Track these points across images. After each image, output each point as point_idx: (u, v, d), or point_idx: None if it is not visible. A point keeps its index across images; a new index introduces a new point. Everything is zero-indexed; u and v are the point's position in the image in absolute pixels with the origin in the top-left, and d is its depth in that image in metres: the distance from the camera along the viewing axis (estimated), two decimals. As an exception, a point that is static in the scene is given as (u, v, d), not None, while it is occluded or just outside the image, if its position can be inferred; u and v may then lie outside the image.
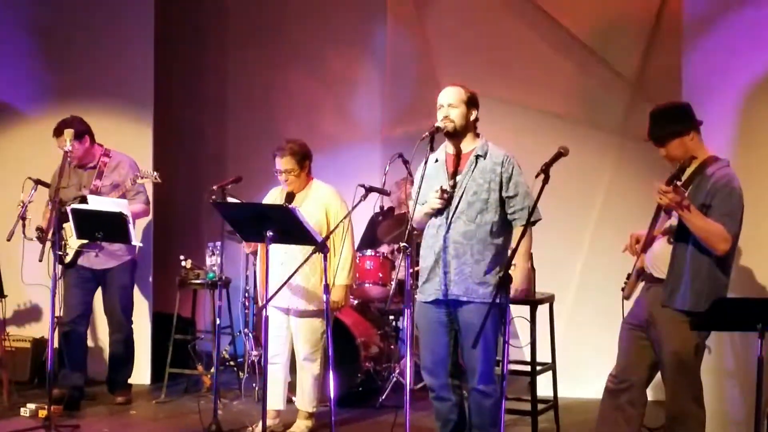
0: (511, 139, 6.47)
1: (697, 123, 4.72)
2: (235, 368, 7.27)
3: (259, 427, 5.46)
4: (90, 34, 7.57)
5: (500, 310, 4.71)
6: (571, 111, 7.26)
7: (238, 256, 7.45)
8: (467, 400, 5.17)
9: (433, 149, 5.02)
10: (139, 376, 7.22)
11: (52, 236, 6.09)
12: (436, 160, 5.10)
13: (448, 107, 5.03)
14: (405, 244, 4.81)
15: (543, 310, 6.09)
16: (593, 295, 6.92)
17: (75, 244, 6.52)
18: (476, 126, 5.12)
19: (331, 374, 5.25)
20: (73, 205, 6.17)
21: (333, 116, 8.41)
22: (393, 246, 7.08)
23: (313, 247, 5.24)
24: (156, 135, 7.54)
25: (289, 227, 5.25)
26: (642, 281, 4.88)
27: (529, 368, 6.03)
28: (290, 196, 5.81)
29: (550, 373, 6.22)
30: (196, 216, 8.43)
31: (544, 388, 6.23)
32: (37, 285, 6.81)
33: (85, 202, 6.36)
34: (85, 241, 6.47)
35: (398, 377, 6.79)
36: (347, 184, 5.83)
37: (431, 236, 5.07)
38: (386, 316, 7.17)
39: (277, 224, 5.24)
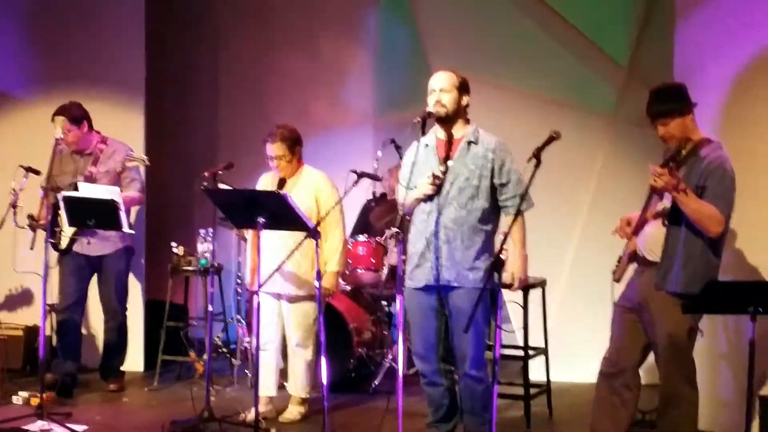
0: (503, 123, 6.47)
1: (692, 105, 4.72)
2: (227, 355, 7.27)
3: (252, 414, 5.46)
4: (81, 20, 7.53)
5: (491, 295, 4.71)
6: (563, 95, 7.25)
7: (231, 242, 7.44)
8: (459, 385, 5.17)
9: (424, 134, 5.01)
10: (132, 364, 7.20)
11: (44, 223, 6.06)
12: (426, 145, 5.08)
13: (440, 92, 5.00)
14: (397, 229, 4.80)
15: (535, 295, 6.10)
16: (585, 279, 6.91)
17: (69, 231, 6.49)
18: (467, 111, 5.11)
19: (324, 360, 5.26)
20: (64, 193, 6.14)
21: (325, 102, 8.38)
22: (386, 232, 7.06)
23: (306, 233, 5.23)
24: (147, 121, 7.50)
25: (281, 213, 5.24)
26: (634, 264, 4.88)
27: (522, 353, 6.04)
28: (282, 182, 5.80)
29: (543, 357, 6.23)
30: (188, 202, 8.41)
31: (537, 372, 6.24)
32: (29, 273, 6.78)
33: (76, 189, 6.33)
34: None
35: (391, 363, 6.79)
36: (339, 170, 5.81)
37: (421, 222, 5.05)
38: (379, 302, 7.16)
39: (269, 210, 5.22)
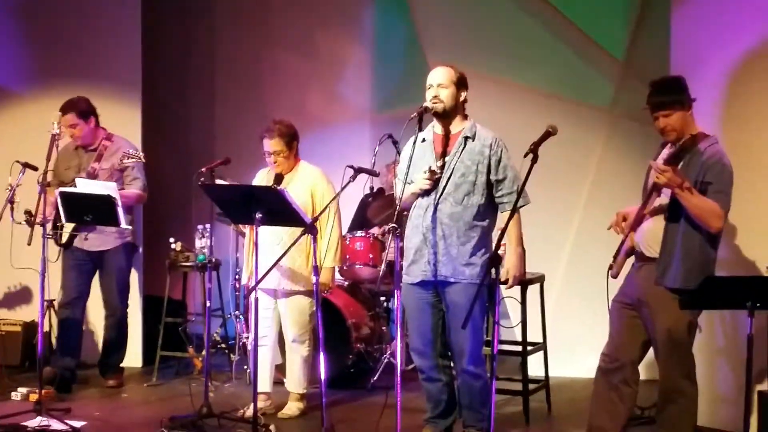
0: (500, 118, 6.47)
1: (692, 100, 4.70)
2: (226, 351, 7.26)
3: (251, 410, 5.46)
4: (77, 15, 7.52)
5: (489, 290, 4.71)
6: (560, 89, 7.23)
7: (228, 238, 7.43)
8: (457, 381, 5.17)
9: (421, 129, 4.99)
10: (130, 359, 7.20)
11: (41, 219, 6.03)
12: (423, 140, 5.07)
13: (438, 87, 5.00)
14: (394, 225, 4.80)
15: (533, 290, 6.09)
16: (583, 274, 6.91)
17: (69, 226, 6.51)
18: (465, 107, 5.10)
19: (322, 356, 5.25)
20: (61, 189, 6.13)
21: (322, 97, 8.37)
22: (383, 227, 7.05)
23: (302, 229, 5.23)
24: (144, 117, 7.51)
25: (277, 209, 5.23)
26: (631, 259, 4.88)
27: (520, 348, 6.04)
28: (279, 178, 5.79)
29: (542, 352, 6.23)
30: (186, 198, 8.36)
31: (535, 367, 6.24)
32: (27, 269, 6.77)
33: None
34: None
35: (389, 358, 6.79)
36: (336, 166, 5.80)
37: (418, 217, 5.05)
38: (377, 298, 7.16)
39: (266, 206, 5.22)
